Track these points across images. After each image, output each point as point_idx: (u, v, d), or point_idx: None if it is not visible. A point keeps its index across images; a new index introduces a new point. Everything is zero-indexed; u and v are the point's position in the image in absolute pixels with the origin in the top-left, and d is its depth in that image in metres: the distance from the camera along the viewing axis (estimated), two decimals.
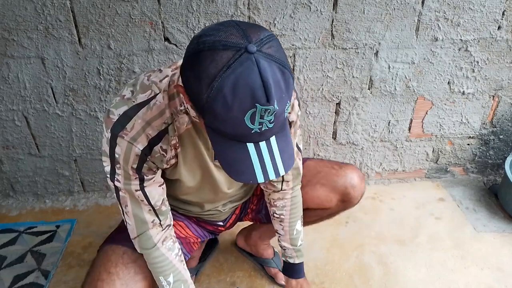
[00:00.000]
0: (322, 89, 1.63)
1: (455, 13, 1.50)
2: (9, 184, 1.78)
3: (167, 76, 0.81)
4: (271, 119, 0.63)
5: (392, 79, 1.63)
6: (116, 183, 0.84)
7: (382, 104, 1.70)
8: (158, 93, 0.79)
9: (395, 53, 1.57)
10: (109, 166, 0.83)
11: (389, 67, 1.60)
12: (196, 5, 1.40)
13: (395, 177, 1.95)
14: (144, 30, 1.44)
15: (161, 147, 0.82)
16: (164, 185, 0.92)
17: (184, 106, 0.80)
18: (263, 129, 0.64)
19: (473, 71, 1.64)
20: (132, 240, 0.93)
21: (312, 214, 1.21)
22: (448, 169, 1.94)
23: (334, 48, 1.54)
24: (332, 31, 1.50)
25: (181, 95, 0.78)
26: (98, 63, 1.49)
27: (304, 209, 1.16)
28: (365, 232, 1.63)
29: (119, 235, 0.99)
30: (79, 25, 1.41)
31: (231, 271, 1.46)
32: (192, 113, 0.77)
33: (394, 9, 1.47)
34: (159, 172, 0.89)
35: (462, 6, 1.48)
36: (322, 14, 1.46)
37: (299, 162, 1.06)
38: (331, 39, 1.52)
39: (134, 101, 0.78)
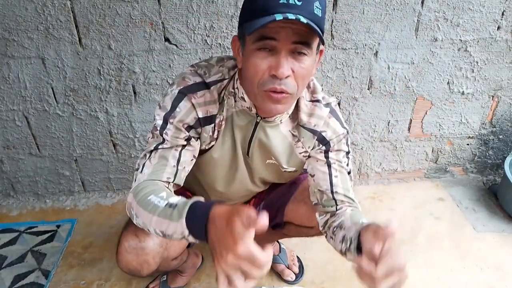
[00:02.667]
0: (322, 89, 1.63)
1: (455, 13, 1.50)
2: (10, 184, 1.78)
3: (236, 66, 0.93)
4: None
5: (392, 79, 1.64)
6: (164, 136, 0.90)
7: (382, 104, 1.70)
8: (226, 79, 0.91)
9: (394, 53, 1.57)
10: (161, 120, 0.90)
11: (388, 67, 1.61)
12: (196, 5, 1.41)
13: (395, 177, 1.95)
14: (145, 30, 1.44)
15: (212, 127, 0.93)
16: (194, 160, 0.96)
17: (234, 88, 0.92)
18: (290, 1, 0.72)
19: (473, 71, 1.65)
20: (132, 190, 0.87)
21: (293, 230, 1.15)
22: (448, 169, 1.95)
23: (333, 49, 1.54)
24: (331, 31, 1.50)
25: (234, 81, 0.91)
26: (99, 63, 1.49)
27: (286, 223, 1.13)
28: None
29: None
30: (80, 25, 1.41)
31: None
32: (241, 90, 0.90)
33: (394, 9, 1.47)
34: (198, 145, 0.95)
35: (462, 7, 1.49)
36: None
37: (349, 185, 0.99)
38: (331, 40, 1.52)
39: (207, 78, 0.91)
